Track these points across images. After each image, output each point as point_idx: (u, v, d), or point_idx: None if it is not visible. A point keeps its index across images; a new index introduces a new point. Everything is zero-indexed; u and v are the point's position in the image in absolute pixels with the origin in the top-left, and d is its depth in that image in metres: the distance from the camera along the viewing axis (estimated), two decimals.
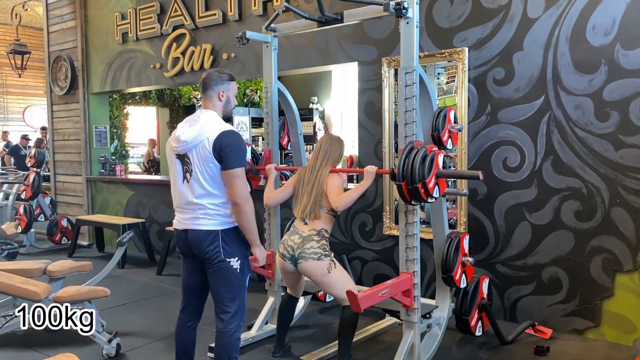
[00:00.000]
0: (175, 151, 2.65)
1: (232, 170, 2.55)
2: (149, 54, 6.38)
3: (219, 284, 2.65)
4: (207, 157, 2.55)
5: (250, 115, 10.11)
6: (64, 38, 7.42)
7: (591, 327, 3.69)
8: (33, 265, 4.00)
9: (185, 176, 2.63)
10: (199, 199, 2.60)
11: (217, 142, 2.53)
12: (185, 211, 2.66)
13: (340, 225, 4.82)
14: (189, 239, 2.65)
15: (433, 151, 2.93)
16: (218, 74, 2.72)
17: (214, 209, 2.61)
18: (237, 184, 2.55)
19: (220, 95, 2.71)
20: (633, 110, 3.46)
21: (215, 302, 2.70)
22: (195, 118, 2.65)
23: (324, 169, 3.19)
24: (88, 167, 7.28)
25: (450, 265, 3.35)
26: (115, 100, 8.18)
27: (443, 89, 4.51)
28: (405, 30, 3.02)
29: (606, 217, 3.59)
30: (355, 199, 3.11)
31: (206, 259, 2.63)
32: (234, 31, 5.31)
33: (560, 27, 3.68)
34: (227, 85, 2.73)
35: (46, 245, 7.08)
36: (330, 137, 3.35)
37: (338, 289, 3.10)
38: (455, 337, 3.72)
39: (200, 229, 2.61)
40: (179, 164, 2.66)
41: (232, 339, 2.66)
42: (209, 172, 2.58)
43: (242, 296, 2.71)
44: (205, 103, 2.73)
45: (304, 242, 3.10)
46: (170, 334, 3.79)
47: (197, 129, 2.57)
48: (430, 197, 2.92)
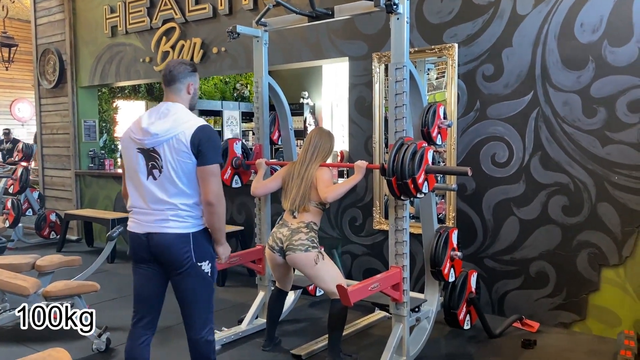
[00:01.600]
0: (139, 144, 2.40)
1: (209, 167, 2.37)
2: (139, 48, 6.34)
3: (188, 289, 2.46)
4: (183, 152, 2.35)
5: (241, 110, 10.08)
6: (52, 31, 7.35)
7: (577, 321, 3.74)
8: (21, 260, 3.98)
9: (152, 173, 2.40)
10: (170, 198, 2.38)
11: (195, 137, 2.34)
12: (149, 212, 2.41)
13: (331, 220, 4.84)
14: (153, 243, 2.41)
15: (423, 147, 2.94)
16: (185, 65, 2.52)
17: (186, 210, 2.40)
18: (212, 182, 2.38)
19: (189, 88, 2.52)
20: (620, 106, 3.50)
21: (185, 310, 2.50)
22: (164, 111, 2.43)
23: (314, 162, 3.20)
24: (77, 161, 7.23)
25: (439, 259, 3.38)
26: (105, 94, 8.12)
27: (433, 84, 4.53)
28: (396, 26, 3.04)
29: (593, 212, 3.64)
30: (344, 192, 3.13)
31: (175, 263, 2.41)
32: (225, 25, 5.29)
33: (549, 24, 3.71)
34: (194, 77, 2.54)
35: (34, 240, 7.04)
36: (321, 130, 3.36)
37: (327, 282, 3.13)
38: (444, 331, 3.76)
39: (170, 232, 2.38)
40: (142, 159, 2.41)
41: (208, 344, 2.52)
42: (184, 168, 2.37)
43: (211, 300, 2.54)
44: (170, 96, 2.50)
45: (292, 234, 3.11)
46: (160, 329, 3.79)
47: (170, 122, 2.37)
48: (419, 193, 2.94)
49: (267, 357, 3.38)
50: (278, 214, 4.17)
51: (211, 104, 9.64)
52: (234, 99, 10.16)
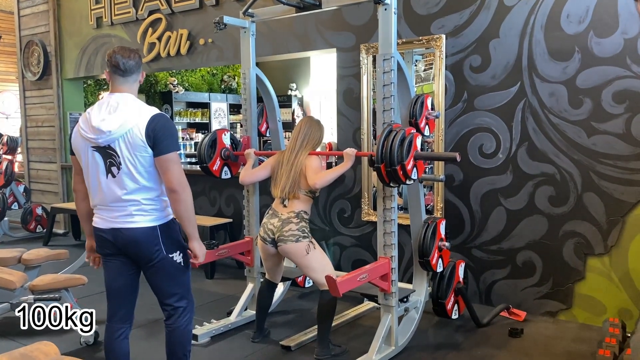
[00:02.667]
0: (94, 143, 2.31)
1: (167, 155, 2.30)
2: (124, 39, 6.27)
3: (162, 281, 2.45)
4: (139, 146, 2.28)
5: (228, 102, 10.04)
6: (36, 22, 7.24)
7: (563, 309, 3.79)
8: (7, 254, 3.94)
9: (111, 170, 2.32)
10: (131, 195, 2.33)
11: (149, 127, 2.27)
12: (112, 209, 2.37)
13: (319, 211, 4.84)
14: (121, 238, 2.37)
15: (411, 133, 2.94)
16: (137, 54, 2.41)
17: (149, 204, 2.36)
18: (173, 169, 2.31)
19: (142, 76, 2.46)
20: (605, 97, 3.54)
21: (161, 301, 2.52)
22: (113, 104, 2.32)
23: (304, 150, 3.20)
24: (63, 154, 7.16)
25: (427, 249, 3.40)
26: (90, 86, 8.04)
27: (421, 76, 4.54)
28: (383, 17, 3.03)
29: (579, 202, 3.67)
30: (333, 179, 3.13)
31: (145, 257, 2.39)
32: (211, 16, 5.25)
33: (536, 15, 3.72)
34: (141, 65, 2.47)
35: (20, 234, 6.97)
36: (311, 119, 3.35)
37: (316, 271, 3.14)
38: (432, 321, 3.79)
39: (137, 227, 2.35)
40: (99, 157, 2.33)
41: (185, 333, 2.52)
42: (142, 162, 2.31)
43: (189, 289, 2.53)
44: (122, 87, 2.37)
45: (283, 225, 3.12)
46: (149, 321, 3.79)
47: (122, 117, 2.27)
48: (408, 179, 2.94)
49: (256, 348, 3.39)
50: (267, 205, 4.15)
51: (198, 96, 9.58)
52: (221, 91, 10.11)
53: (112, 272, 2.50)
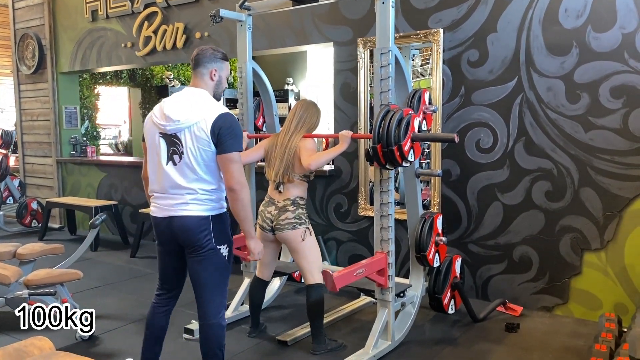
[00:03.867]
0: (161, 129, 2.44)
1: (229, 154, 2.39)
2: (120, 33, 6.23)
3: (206, 272, 2.49)
4: (204, 141, 2.38)
5: (225, 96, 9.98)
6: (31, 15, 7.18)
7: (559, 304, 3.79)
8: (2, 249, 3.92)
9: (173, 158, 2.43)
10: (189, 184, 2.42)
11: (215, 125, 2.36)
12: (169, 196, 2.46)
13: (316, 206, 4.83)
14: (174, 226, 2.46)
15: (409, 114, 2.91)
16: (212, 51, 2.55)
17: (205, 194, 2.45)
18: (233, 169, 2.39)
19: (212, 74, 2.54)
20: (603, 92, 3.53)
21: (199, 292, 2.53)
22: (186, 96, 2.47)
23: (298, 133, 3.16)
24: (58, 148, 7.12)
25: (424, 244, 3.40)
26: (86, 80, 7.99)
27: (418, 71, 4.53)
28: (381, 11, 3.01)
29: (575, 197, 3.67)
30: (328, 161, 3.13)
31: (195, 247, 2.46)
32: (208, 9, 5.20)
33: (534, 9, 3.71)
34: (220, 64, 2.56)
35: (16, 229, 6.94)
36: (307, 102, 3.32)
37: (308, 260, 3.17)
38: (429, 315, 3.79)
39: (190, 214, 2.43)
40: (164, 144, 2.44)
41: (221, 329, 2.56)
42: (204, 157, 2.40)
43: (227, 284, 2.60)
44: (195, 81, 2.55)
45: (280, 213, 3.14)
46: (144, 317, 3.77)
47: (191, 109, 2.40)
48: (405, 161, 2.92)
49: (252, 343, 3.39)
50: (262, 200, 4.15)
51: None
52: None
53: (164, 259, 2.64)
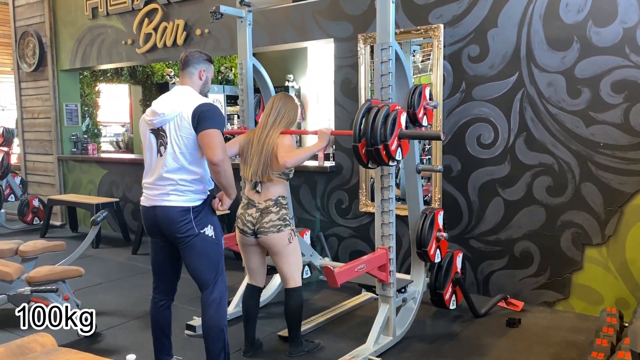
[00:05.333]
0: (150, 125, 2.59)
1: (208, 130, 2.48)
2: (120, 30, 6.23)
3: (195, 258, 2.61)
4: (185, 129, 2.51)
5: (225, 93, 9.98)
6: (31, 13, 7.18)
7: (561, 299, 3.80)
8: (4, 246, 3.92)
9: (160, 150, 2.57)
10: (170, 174, 2.54)
11: (196, 111, 2.50)
12: (154, 187, 2.60)
13: (317, 203, 4.84)
14: (157, 216, 2.59)
15: (396, 110, 2.81)
16: (200, 53, 2.72)
17: (185, 185, 2.55)
18: (213, 144, 2.46)
19: (201, 73, 2.69)
20: (603, 87, 3.52)
21: (195, 277, 2.68)
22: (174, 92, 2.63)
23: (276, 129, 2.98)
24: (59, 146, 7.12)
25: (425, 240, 3.40)
26: (86, 77, 7.99)
27: (418, 67, 4.52)
28: (381, 6, 3.01)
29: (576, 192, 3.67)
30: (306, 158, 2.97)
31: (177, 237, 2.58)
32: (208, 6, 5.20)
33: (534, 4, 3.70)
34: (207, 65, 2.73)
35: (17, 226, 6.95)
36: (284, 96, 3.12)
37: (290, 264, 3.02)
38: (430, 311, 3.79)
39: (170, 205, 2.55)
40: (154, 138, 2.59)
41: (220, 308, 2.66)
42: (185, 142, 2.52)
43: (221, 263, 2.70)
44: (183, 80, 2.69)
45: (262, 215, 2.93)
46: (146, 313, 3.77)
47: (174, 102, 2.55)
48: (392, 160, 2.81)
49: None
50: None
51: None
52: (218, 82, 10.05)
53: (155, 251, 2.74)
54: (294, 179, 4.60)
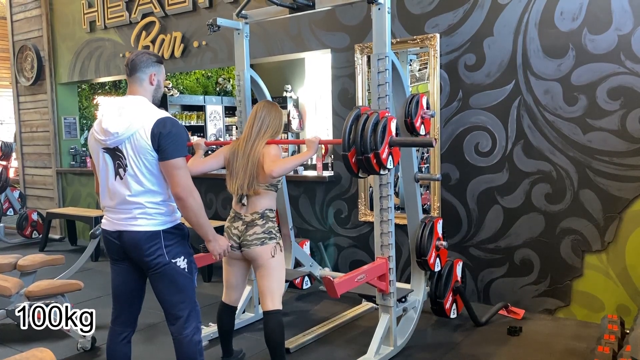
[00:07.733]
0: (103, 144, 2.32)
1: (171, 161, 2.26)
2: (118, 43, 6.26)
3: (166, 288, 2.38)
4: (145, 149, 2.26)
5: (224, 105, 10.01)
6: (29, 27, 7.22)
7: (561, 307, 3.78)
8: (3, 260, 3.91)
9: (119, 172, 2.32)
10: (135, 197, 2.30)
11: (155, 130, 2.24)
12: (118, 211, 2.35)
13: (316, 212, 4.83)
14: (124, 241, 2.35)
15: (385, 117, 2.76)
16: (148, 55, 2.42)
17: (154, 208, 2.32)
18: (178, 175, 2.27)
19: (151, 78, 2.41)
20: (600, 94, 3.53)
21: (165, 309, 2.44)
22: (123, 105, 2.32)
23: (262, 139, 2.87)
24: (58, 159, 7.13)
25: (425, 249, 3.40)
26: (85, 90, 8.01)
27: (416, 76, 4.54)
28: (377, 16, 3.02)
29: (575, 199, 3.67)
30: (293, 168, 2.86)
31: (147, 263, 2.34)
32: (205, 18, 5.24)
33: (530, 12, 3.72)
34: (157, 67, 2.44)
35: (16, 240, 6.94)
36: (268, 103, 3.00)
37: (271, 280, 2.85)
38: (431, 320, 3.78)
39: (139, 230, 2.31)
40: (109, 159, 2.33)
41: (192, 344, 2.42)
42: (147, 165, 2.29)
43: (193, 297, 2.45)
44: (132, 88, 2.40)
45: (247, 228, 2.84)
46: (146, 326, 3.77)
47: (129, 119, 2.26)
48: (383, 169, 2.76)
49: (254, 351, 3.36)
50: None
51: (194, 98, 9.55)
52: (216, 94, 10.08)
53: (118, 277, 2.48)
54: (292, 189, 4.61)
